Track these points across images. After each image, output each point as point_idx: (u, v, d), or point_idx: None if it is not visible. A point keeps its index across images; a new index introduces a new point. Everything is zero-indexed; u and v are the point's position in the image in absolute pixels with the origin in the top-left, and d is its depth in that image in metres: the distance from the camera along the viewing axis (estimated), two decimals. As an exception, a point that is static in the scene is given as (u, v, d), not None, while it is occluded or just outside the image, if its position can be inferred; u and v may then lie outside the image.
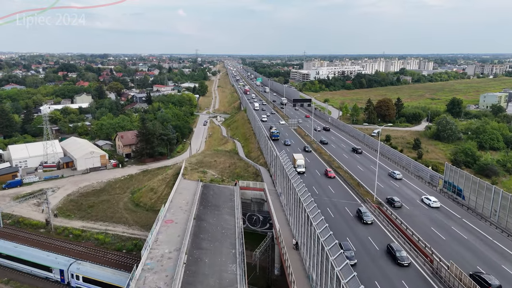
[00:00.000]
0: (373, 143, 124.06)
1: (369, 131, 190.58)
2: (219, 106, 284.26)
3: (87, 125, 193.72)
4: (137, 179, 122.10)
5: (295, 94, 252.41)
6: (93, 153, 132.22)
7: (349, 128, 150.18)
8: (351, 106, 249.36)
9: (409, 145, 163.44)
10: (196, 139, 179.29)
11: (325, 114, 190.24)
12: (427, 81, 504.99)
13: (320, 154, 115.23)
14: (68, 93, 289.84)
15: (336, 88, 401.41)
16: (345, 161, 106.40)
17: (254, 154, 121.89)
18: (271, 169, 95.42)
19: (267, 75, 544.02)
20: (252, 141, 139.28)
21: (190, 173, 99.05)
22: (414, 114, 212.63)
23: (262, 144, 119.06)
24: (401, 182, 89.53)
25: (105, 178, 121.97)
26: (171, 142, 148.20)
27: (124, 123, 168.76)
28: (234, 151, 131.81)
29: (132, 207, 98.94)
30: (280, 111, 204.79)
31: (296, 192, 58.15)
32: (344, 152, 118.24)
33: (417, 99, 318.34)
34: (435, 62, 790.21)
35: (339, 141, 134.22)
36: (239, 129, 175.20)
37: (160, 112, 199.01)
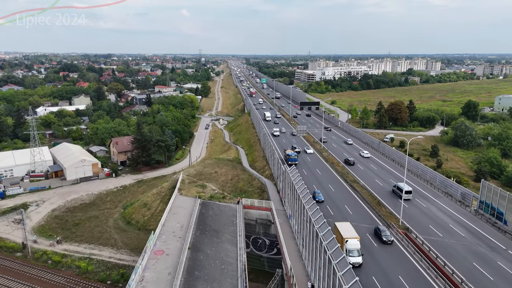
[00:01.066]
0: (390, 152, 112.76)
1: (381, 136, 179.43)
2: (222, 108, 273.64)
3: (83, 129, 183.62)
4: (131, 191, 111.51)
5: (301, 96, 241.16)
6: (85, 161, 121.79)
7: (362, 134, 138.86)
8: (360, 109, 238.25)
9: (425, 152, 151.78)
10: (197, 144, 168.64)
11: (334, 118, 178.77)
12: (435, 81, 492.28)
13: (333, 164, 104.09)
14: (66, 95, 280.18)
15: (342, 89, 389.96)
16: (361, 173, 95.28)
17: (259, 164, 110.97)
18: (279, 183, 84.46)
19: (272, 76, 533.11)
20: (257, 149, 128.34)
21: (188, 188, 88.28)
22: (428, 118, 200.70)
23: (268, 153, 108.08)
24: (428, 200, 78.28)
25: (96, 190, 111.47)
26: (169, 149, 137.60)
27: (120, 128, 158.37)
28: (237, 160, 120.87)
29: (122, 225, 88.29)
30: (286, 115, 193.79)
31: (313, 224, 47.15)
32: (359, 162, 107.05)
33: (428, 101, 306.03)
34: (442, 62, 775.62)
35: (351, 148, 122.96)
36: (243, 134, 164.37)
37: (159, 115, 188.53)
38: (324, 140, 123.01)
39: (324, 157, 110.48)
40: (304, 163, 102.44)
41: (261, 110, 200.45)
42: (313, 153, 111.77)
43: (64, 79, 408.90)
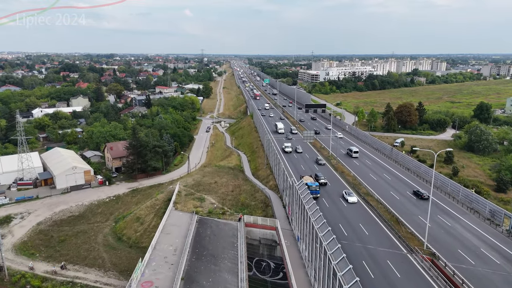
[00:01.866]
0: (405, 160, 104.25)
1: (390, 140, 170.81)
2: (224, 110, 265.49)
3: (78, 132, 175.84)
4: (124, 201, 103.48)
5: (305, 97, 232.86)
6: (76, 168, 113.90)
7: (372, 139, 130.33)
8: (367, 111, 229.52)
9: (439, 158, 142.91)
10: (196, 149, 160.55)
11: (342, 121, 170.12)
12: (442, 82, 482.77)
13: (342, 173, 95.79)
14: (64, 96, 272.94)
15: (347, 90, 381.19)
16: (374, 184, 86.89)
17: (262, 172, 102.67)
18: (285, 198, 76.19)
19: (275, 76, 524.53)
20: (260, 155, 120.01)
21: (184, 201, 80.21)
22: (439, 121, 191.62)
23: (273, 161, 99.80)
24: (452, 218, 69.86)
25: (87, 200, 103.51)
26: (167, 154, 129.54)
27: (116, 131, 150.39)
28: (239, 167, 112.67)
29: (112, 242, 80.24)
30: (290, 117, 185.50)
31: (329, 259, 38.90)
32: (370, 171, 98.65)
33: (435, 102, 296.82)
34: (447, 62, 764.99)
35: (361, 156, 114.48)
36: (245, 138, 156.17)
37: (158, 118, 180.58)
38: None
39: (334, 166, 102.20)
40: (312, 172, 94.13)
41: (269, 119, 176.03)
42: (324, 164, 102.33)
43: (64, 80, 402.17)
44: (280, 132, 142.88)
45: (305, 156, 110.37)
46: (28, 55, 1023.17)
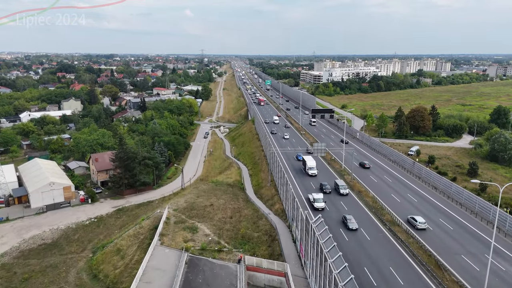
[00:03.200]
0: (431, 176, 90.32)
1: (403, 147, 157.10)
2: (224, 113, 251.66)
3: (65, 139, 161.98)
4: (107, 224, 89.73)
5: (310, 100, 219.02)
6: (53, 184, 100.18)
7: (388, 150, 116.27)
8: (375, 114, 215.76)
9: (460, 169, 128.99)
10: (193, 158, 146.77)
11: (352, 128, 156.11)
12: (448, 83, 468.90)
13: (359, 193, 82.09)
14: (56, 98, 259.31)
15: (352, 92, 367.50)
16: (399, 208, 73.12)
17: (266, 191, 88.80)
18: (295, 230, 62.34)
19: (276, 77, 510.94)
20: (263, 168, 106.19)
21: (173, 232, 66.53)
22: (455, 126, 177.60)
23: (278, 178, 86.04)
24: (506, 260, 56.02)
25: (64, 222, 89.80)
26: (159, 167, 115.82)
27: (104, 140, 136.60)
28: (239, 184, 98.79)
29: (86, 281, 66.52)
30: (295, 122, 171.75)
31: None
32: (391, 189, 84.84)
33: (445, 104, 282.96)
34: (450, 63, 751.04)
35: (378, 170, 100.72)
36: (246, 147, 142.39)
37: (152, 124, 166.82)
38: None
39: (348, 182, 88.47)
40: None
41: (284, 142, 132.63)
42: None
43: (58, 81, 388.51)
44: (311, 169, 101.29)
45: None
46: (27, 55, 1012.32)
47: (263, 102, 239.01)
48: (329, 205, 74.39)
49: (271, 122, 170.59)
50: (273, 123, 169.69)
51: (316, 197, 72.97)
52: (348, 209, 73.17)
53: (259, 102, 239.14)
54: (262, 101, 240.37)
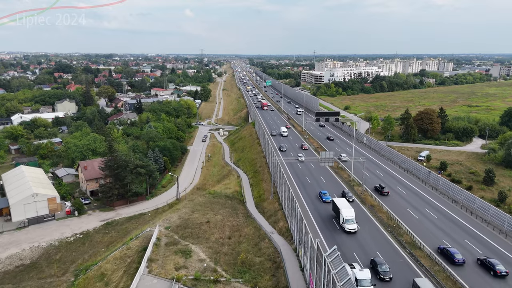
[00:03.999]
0: (449, 188, 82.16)
1: (411, 152, 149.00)
2: (223, 115, 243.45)
3: (56, 143, 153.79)
4: (94, 241, 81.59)
5: (313, 102, 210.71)
6: (37, 196, 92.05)
7: (399, 156, 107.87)
8: (381, 116, 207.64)
9: (475, 176, 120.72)
10: (190, 164, 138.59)
11: (359, 132, 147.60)
12: (452, 83, 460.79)
13: (372, 207, 73.97)
14: (50, 99, 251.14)
15: (354, 92, 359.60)
16: (418, 227, 64.94)
17: (268, 205, 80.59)
18: (303, 257, 54.00)
19: (277, 77, 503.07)
20: (265, 178, 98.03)
21: (163, 256, 58.37)
22: (465, 129, 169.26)
23: (282, 191, 77.89)
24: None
25: (46, 239, 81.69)
26: (153, 175, 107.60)
27: (95, 145, 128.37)
28: (239, 196, 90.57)
29: (65, 312, 58.40)
30: (298, 126, 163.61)
31: None
32: (407, 203, 76.61)
33: (451, 105, 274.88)
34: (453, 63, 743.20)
35: (390, 180, 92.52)
36: (246, 152, 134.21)
37: (147, 127, 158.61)
38: None
39: (358, 195, 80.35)
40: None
41: (280, 136, 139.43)
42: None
43: (55, 81, 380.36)
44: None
45: (322, 184, 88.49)
46: (26, 55, 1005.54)
47: (267, 107, 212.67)
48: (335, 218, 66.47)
49: (278, 135, 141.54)
50: (280, 135, 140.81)
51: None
52: (361, 227, 65.04)
53: (262, 106, 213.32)
54: (266, 106, 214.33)
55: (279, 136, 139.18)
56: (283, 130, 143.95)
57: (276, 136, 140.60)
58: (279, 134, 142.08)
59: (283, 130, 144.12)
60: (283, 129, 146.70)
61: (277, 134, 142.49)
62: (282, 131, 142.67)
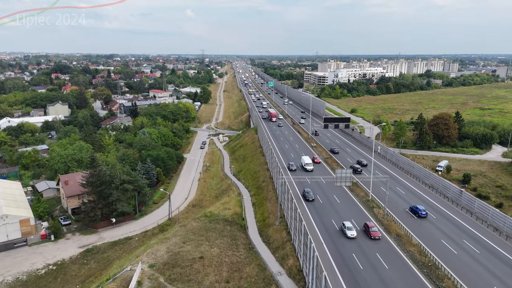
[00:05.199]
0: (487, 212, 69.50)
1: (427, 161, 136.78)
2: (224, 118, 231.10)
3: (43, 150, 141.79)
4: (69, 274, 69.28)
5: (318, 105, 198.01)
6: (7, 217, 79.86)
7: (421, 170, 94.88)
8: (390, 120, 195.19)
9: (502, 191, 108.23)
10: (186, 175, 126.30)
11: (371, 139, 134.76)
12: (459, 84, 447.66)
13: (399, 237, 61.57)
14: (42, 102, 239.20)
15: (360, 94, 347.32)
16: (460, 267, 52.55)
17: (274, 233, 68.00)
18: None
19: (279, 78, 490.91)
20: (269, 196, 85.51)
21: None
22: (484, 135, 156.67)
23: (291, 218, 65.51)
24: None
25: (13, 272, 69.43)
26: (142, 191, 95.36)
27: (81, 155, 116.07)
28: (239, 218, 78.07)
29: None
30: (304, 132, 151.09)
31: None
32: (442, 234, 63.99)
33: (462, 108, 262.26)
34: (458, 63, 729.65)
35: (414, 199, 79.93)
36: (248, 163, 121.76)
37: (141, 133, 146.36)
38: None
39: (380, 220, 67.95)
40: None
41: (286, 146, 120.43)
42: None
43: (50, 82, 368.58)
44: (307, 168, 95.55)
45: (336, 205, 76.03)
46: (26, 55, 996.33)
47: (275, 117, 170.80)
48: (359, 256, 54.20)
49: (300, 168, 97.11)
50: (303, 169, 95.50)
51: None
52: (389, 267, 52.68)
53: (270, 117, 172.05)
54: (274, 116, 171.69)
55: (300, 171, 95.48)
56: (306, 162, 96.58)
57: (296, 171, 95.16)
58: (301, 168, 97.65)
59: (307, 162, 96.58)
60: (306, 159, 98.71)
61: (298, 168, 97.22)
62: (306, 163, 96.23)
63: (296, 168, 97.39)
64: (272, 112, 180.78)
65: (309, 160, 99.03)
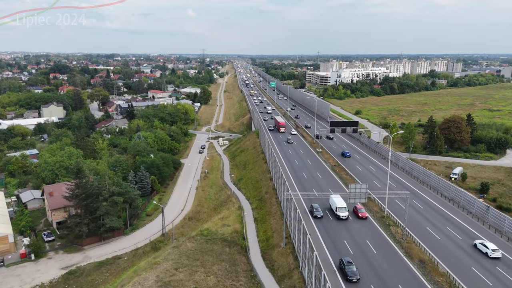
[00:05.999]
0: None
1: (439, 167, 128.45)
2: (224, 120, 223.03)
3: (32, 155, 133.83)
4: (46, 302, 61.31)
5: (322, 106, 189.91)
6: (-19, 235, 71.98)
7: (442, 182, 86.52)
8: (398, 123, 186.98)
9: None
10: (183, 181, 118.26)
11: (381, 145, 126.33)
12: (464, 85, 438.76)
13: (422, 263, 53.52)
14: (36, 103, 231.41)
15: (363, 95, 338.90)
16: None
17: (279, 257, 59.82)
18: None
19: (280, 78, 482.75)
20: (273, 210, 77.35)
21: None
22: (499, 140, 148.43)
23: (298, 239, 57.41)
24: None
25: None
26: (133, 204, 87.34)
27: (70, 162, 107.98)
28: (239, 237, 69.88)
29: None
30: (308, 136, 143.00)
31: None
32: (465, 253, 55.92)
33: (469, 110, 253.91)
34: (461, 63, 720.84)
35: (434, 216, 71.75)
36: (249, 170, 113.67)
37: (136, 137, 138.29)
38: None
39: (395, 238, 59.87)
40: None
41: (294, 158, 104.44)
42: None
43: (48, 82, 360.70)
44: None
45: (348, 223, 67.86)
46: (27, 55, 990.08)
47: (284, 128, 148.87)
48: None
49: (328, 215, 70.53)
50: (334, 215, 69.60)
51: None
52: None
53: (278, 127, 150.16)
54: (282, 125, 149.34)
55: (334, 222, 67.84)
56: (339, 206, 68.77)
57: (320, 219, 68.70)
58: (329, 212, 71.52)
59: (340, 206, 68.70)
60: (337, 201, 70.07)
61: (327, 215, 70.28)
62: (338, 207, 68.68)
63: (323, 214, 69.50)
64: (280, 121, 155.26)
65: (343, 203, 68.86)
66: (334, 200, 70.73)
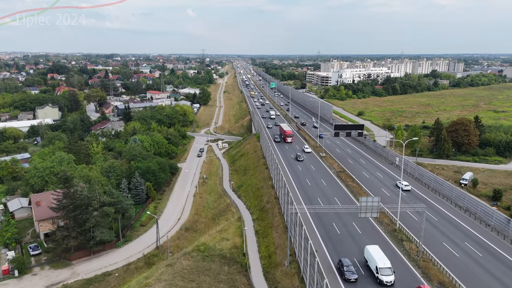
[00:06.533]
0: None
1: (447, 172, 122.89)
2: (223, 122, 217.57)
3: (24, 160, 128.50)
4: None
5: (324, 108, 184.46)
6: (-40, 250, 66.56)
7: (455, 191, 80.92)
8: (404, 126, 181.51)
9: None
10: (181, 188, 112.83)
11: (387, 150, 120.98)
12: (467, 85, 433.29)
13: (442, 285, 48.07)
14: (31, 104, 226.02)
15: (365, 95, 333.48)
16: None
17: (284, 278, 54.31)
18: None
19: (281, 78, 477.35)
20: (276, 222, 71.84)
21: None
22: (508, 143, 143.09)
23: (307, 266, 51.87)
24: None
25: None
26: (126, 214, 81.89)
27: (61, 168, 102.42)
28: (239, 254, 64.41)
29: None
30: (311, 140, 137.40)
31: None
32: (492, 277, 50.41)
33: (473, 111, 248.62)
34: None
35: (450, 229, 66.30)
36: (249, 176, 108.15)
37: (131, 141, 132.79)
38: None
39: (410, 255, 54.44)
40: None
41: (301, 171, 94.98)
42: None
43: (45, 83, 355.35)
44: None
45: (355, 233, 62.42)
46: (26, 55, 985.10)
47: (291, 138, 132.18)
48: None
49: (372, 282, 49.84)
50: (377, 281, 49.51)
51: None
52: None
53: (285, 137, 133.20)
54: (289, 135, 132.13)
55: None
56: (381, 267, 49.60)
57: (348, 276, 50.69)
58: (364, 271, 52.68)
59: (382, 267, 49.54)
60: (379, 258, 50.90)
61: (362, 276, 51.50)
62: (380, 267, 49.65)
63: (358, 276, 50.47)
64: (286, 129, 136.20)
65: (386, 261, 50.19)
66: (372, 254, 51.39)
